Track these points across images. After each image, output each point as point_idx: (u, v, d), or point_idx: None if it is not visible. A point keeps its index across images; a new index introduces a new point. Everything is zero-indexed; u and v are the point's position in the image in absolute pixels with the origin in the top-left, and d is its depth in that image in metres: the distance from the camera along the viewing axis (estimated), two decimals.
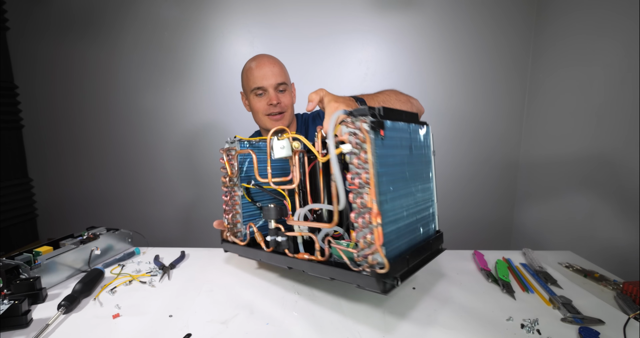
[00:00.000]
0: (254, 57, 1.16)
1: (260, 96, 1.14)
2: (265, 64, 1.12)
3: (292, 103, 1.20)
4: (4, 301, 0.67)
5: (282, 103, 1.14)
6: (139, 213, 2.12)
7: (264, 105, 1.13)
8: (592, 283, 0.85)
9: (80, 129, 2.08)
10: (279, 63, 1.15)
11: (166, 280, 0.84)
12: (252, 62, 1.14)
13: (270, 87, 1.12)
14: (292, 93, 1.21)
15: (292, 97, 1.20)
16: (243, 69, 1.18)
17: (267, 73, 1.11)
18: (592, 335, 0.60)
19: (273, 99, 1.11)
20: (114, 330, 0.64)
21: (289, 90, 1.17)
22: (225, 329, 0.64)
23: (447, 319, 0.68)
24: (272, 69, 1.11)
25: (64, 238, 0.94)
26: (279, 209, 0.70)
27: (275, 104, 1.12)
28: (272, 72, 1.11)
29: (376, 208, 0.49)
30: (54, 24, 1.96)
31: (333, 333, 0.63)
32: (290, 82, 1.21)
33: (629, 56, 1.30)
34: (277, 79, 1.12)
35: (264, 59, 1.14)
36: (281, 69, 1.14)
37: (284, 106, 1.14)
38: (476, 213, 2.06)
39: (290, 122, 1.20)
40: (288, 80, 1.18)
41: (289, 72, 1.21)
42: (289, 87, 1.17)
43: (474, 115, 2.00)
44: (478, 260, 0.94)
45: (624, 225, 1.30)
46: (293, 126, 1.26)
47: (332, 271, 0.60)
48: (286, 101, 1.15)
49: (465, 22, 1.90)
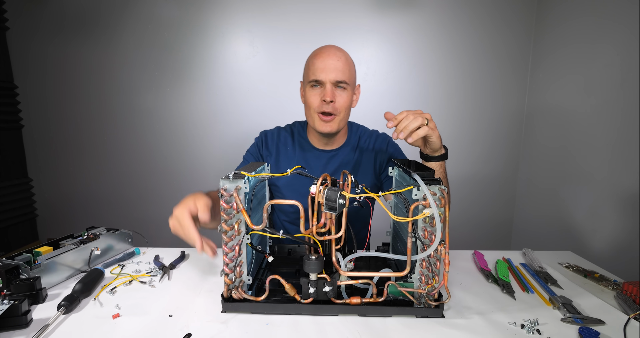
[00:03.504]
0: (321, 47, 1.03)
1: (315, 89, 1.00)
2: (329, 56, 0.98)
3: (349, 106, 1.04)
4: (4, 301, 0.67)
5: (337, 103, 0.99)
6: (139, 213, 2.12)
7: (318, 100, 0.99)
8: (592, 283, 0.85)
9: (80, 129, 2.08)
10: (345, 58, 0.99)
11: (166, 280, 0.84)
12: (316, 52, 1.01)
13: (328, 82, 0.97)
14: (353, 96, 1.04)
15: (351, 100, 1.03)
16: (308, 57, 1.05)
17: (328, 66, 0.97)
18: (592, 335, 0.60)
19: (328, 94, 0.97)
20: (114, 330, 0.64)
21: (349, 91, 1.01)
22: (225, 329, 0.64)
23: (447, 319, 0.68)
24: (335, 63, 0.97)
25: (64, 238, 0.94)
26: (321, 261, 0.66)
27: (328, 102, 0.97)
28: (334, 67, 0.97)
29: (448, 258, 0.62)
30: (54, 24, 1.96)
31: (333, 333, 0.63)
32: (354, 82, 1.05)
33: (629, 56, 1.30)
34: (338, 76, 0.97)
35: (330, 50, 1.00)
36: (346, 65, 0.99)
37: (338, 107, 0.99)
38: (476, 213, 2.06)
39: (341, 128, 1.05)
40: (352, 79, 1.02)
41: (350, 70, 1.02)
42: (350, 87, 1.01)
43: (473, 115, 2.00)
44: (478, 260, 0.95)
45: (624, 225, 1.30)
46: (343, 134, 1.12)
47: (392, 310, 0.68)
48: (343, 101, 1.00)
49: (465, 23, 1.91)
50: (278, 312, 0.69)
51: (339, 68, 0.97)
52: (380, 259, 0.85)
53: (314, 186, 0.64)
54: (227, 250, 0.66)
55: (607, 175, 1.39)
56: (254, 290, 0.74)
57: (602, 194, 1.41)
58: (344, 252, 0.74)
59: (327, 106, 0.97)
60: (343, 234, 0.67)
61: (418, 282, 0.67)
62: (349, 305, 0.67)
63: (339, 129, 1.03)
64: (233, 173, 0.67)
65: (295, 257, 0.94)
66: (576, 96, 1.57)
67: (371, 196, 0.65)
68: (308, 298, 0.68)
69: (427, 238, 0.65)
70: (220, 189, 0.64)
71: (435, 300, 0.68)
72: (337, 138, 1.10)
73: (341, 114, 1.00)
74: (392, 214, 0.69)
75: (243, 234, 0.67)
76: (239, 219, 0.66)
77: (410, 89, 1.99)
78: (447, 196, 0.63)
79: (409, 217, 0.64)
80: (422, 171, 0.68)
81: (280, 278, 0.67)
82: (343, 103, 0.99)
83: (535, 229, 1.88)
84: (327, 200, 0.62)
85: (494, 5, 1.88)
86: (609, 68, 1.39)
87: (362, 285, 0.71)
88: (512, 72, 1.95)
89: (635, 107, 1.27)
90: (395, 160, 0.90)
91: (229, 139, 2.05)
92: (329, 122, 1.00)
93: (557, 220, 1.67)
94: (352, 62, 1.02)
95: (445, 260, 0.62)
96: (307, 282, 0.67)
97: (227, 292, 0.69)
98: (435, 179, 0.66)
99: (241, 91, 2.01)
